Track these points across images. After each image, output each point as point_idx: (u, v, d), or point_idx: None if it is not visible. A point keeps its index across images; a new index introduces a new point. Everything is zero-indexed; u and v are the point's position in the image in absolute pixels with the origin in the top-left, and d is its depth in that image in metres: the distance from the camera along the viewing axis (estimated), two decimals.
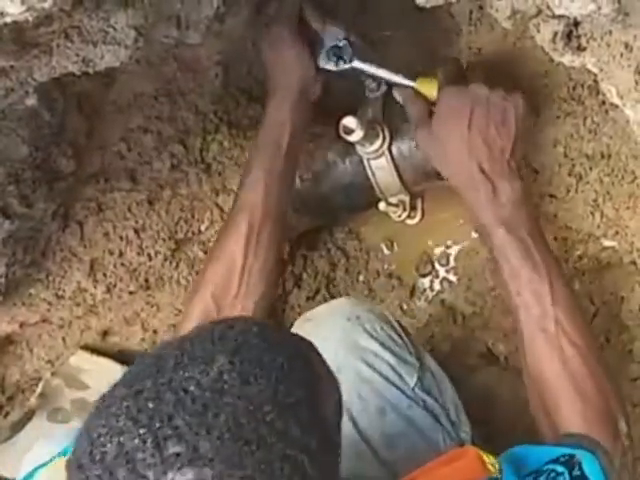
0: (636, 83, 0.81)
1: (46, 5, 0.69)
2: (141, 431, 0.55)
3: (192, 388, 0.57)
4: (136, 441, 0.55)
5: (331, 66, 1.09)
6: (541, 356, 0.93)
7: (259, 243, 1.05)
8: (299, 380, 0.61)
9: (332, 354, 0.97)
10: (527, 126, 1.04)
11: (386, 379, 0.99)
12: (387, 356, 1.00)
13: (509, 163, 1.00)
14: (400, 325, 1.08)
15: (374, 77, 1.13)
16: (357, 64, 1.10)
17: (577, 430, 0.87)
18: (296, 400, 0.59)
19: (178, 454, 0.54)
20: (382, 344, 1.01)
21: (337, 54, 1.08)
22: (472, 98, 1.02)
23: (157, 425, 0.55)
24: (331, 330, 1.03)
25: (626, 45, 0.80)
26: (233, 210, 1.09)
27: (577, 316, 0.95)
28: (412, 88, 1.11)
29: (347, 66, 1.09)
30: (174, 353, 0.60)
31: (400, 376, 1.00)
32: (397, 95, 1.13)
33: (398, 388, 0.99)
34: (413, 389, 1.00)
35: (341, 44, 1.08)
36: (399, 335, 1.05)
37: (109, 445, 0.55)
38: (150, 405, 0.56)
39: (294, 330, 1.08)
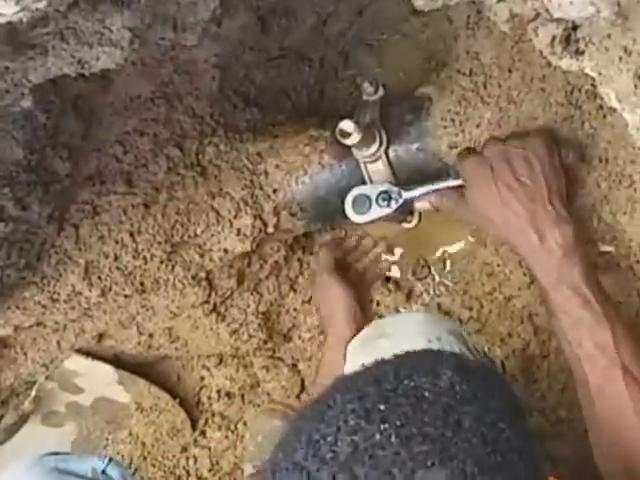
0: (635, 87, 0.81)
1: (41, 5, 0.68)
2: (382, 427, 0.55)
3: (427, 394, 0.57)
4: (377, 437, 0.54)
5: (387, 210, 1.13)
6: (612, 407, 0.90)
7: None
8: (517, 404, 0.63)
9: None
10: (556, 164, 1.02)
11: None
12: None
13: (553, 206, 0.98)
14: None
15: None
16: (407, 194, 1.13)
17: None
18: (522, 425, 0.61)
19: (426, 452, 0.54)
20: None
21: (385, 198, 1.12)
22: (488, 157, 1.02)
23: (397, 423, 0.55)
24: None
25: (625, 49, 0.79)
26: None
27: None
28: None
29: (401, 201, 1.12)
30: (389, 367, 0.61)
31: None
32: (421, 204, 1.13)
33: None
34: None
35: (385, 188, 1.12)
36: (476, 358, 1.04)
37: (340, 444, 0.55)
38: (381, 407, 0.56)
39: (365, 340, 1.07)
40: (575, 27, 0.83)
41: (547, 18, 0.82)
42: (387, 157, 1.18)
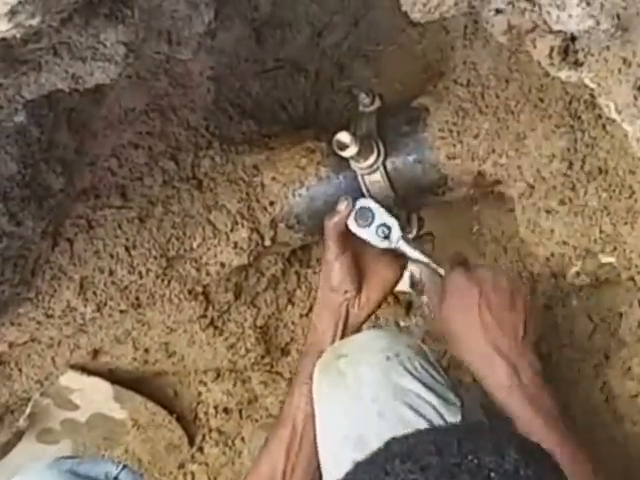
0: (635, 98, 0.80)
1: (34, 22, 0.68)
2: None
3: (492, 475, 0.57)
4: None
5: (379, 243, 1.11)
6: None
7: (302, 444, 1.08)
8: None
9: (372, 397, 0.98)
10: (533, 308, 1.07)
11: (429, 422, 0.96)
12: (430, 397, 0.98)
13: (524, 342, 1.00)
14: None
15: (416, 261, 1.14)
16: (404, 247, 1.11)
17: None
18: None
19: None
20: (424, 384, 0.99)
21: (385, 232, 1.10)
22: (478, 281, 1.03)
23: None
24: (370, 370, 1.01)
25: (624, 60, 0.79)
26: (278, 418, 1.14)
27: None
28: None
29: (393, 246, 1.11)
30: (450, 438, 0.60)
31: (443, 418, 0.97)
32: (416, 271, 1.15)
33: None
34: None
35: (390, 224, 1.11)
36: (437, 371, 1.03)
37: None
38: None
39: (326, 362, 1.07)
40: (574, 38, 0.82)
41: (545, 29, 0.82)
42: (385, 169, 1.17)
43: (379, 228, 1.10)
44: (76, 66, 0.81)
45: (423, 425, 0.95)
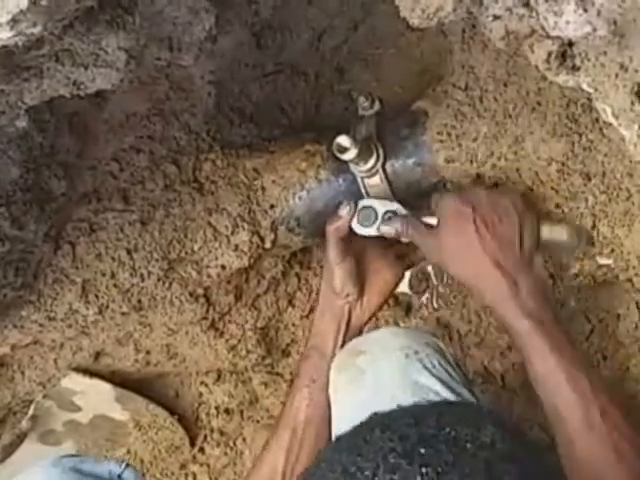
0: (631, 103, 0.81)
1: (36, 30, 0.68)
2: (423, 470, 0.56)
3: (468, 446, 0.58)
4: (418, 478, 0.56)
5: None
6: (592, 452, 0.88)
7: (302, 446, 1.09)
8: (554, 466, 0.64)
9: (390, 396, 0.98)
10: (531, 222, 1.06)
11: None
12: (448, 395, 0.98)
13: (522, 256, 1.01)
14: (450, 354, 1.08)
15: None
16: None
17: None
18: None
19: None
20: (442, 381, 1.00)
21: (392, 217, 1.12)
22: (471, 200, 1.05)
23: (439, 469, 0.56)
24: (389, 368, 1.02)
25: (621, 65, 0.79)
26: (278, 420, 1.14)
27: (616, 402, 0.91)
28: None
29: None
30: (433, 411, 0.62)
31: None
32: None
33: None
34: None
35: (394, 208, 1.13)
36: (454, 369, 1.04)
37: None
38: (422, 450, 0.57)
39: (343, 360, 1.08)
40: (571, 44, 0.83)
41: (543, 35, 0.82)
42: (384, 172, 1.18)
43: (385, 217, 1.11)
44: (78, 72, 0.82)
45: None
